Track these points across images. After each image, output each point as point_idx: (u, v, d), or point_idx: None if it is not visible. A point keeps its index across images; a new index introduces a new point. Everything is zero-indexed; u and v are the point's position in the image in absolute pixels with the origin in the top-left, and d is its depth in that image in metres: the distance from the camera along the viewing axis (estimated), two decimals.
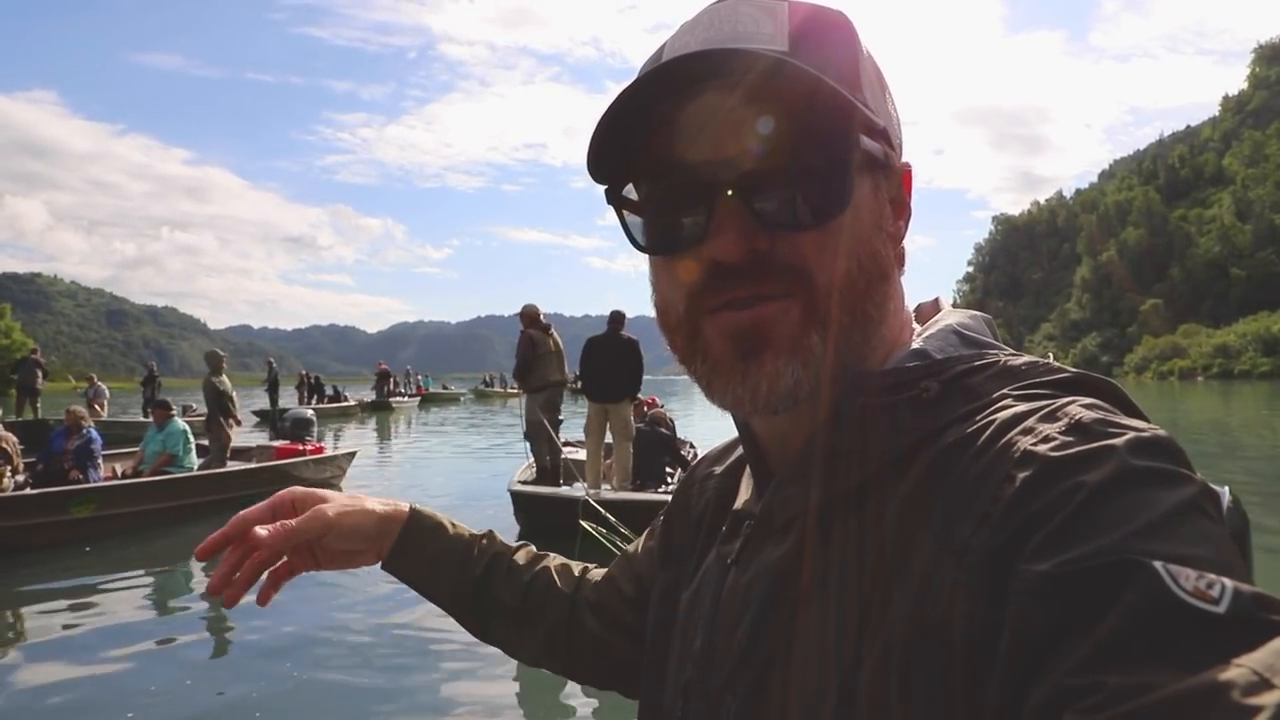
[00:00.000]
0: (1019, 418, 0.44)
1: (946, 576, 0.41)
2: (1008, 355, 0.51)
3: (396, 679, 4.41)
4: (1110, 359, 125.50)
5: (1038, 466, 0.40)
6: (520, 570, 0.81)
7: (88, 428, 8.55)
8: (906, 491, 0.46)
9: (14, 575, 6.50)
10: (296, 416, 12.14)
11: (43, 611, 5.67)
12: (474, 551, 0.80)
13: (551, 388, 8.47)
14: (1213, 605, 0.33)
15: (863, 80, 0.52)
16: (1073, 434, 0.41)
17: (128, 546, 7.38)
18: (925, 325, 0.56)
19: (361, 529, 0.76)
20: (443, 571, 0.78)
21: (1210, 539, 0.36)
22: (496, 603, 0.79)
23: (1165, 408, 34.07)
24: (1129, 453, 0.39)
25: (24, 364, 19.33)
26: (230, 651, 4.95)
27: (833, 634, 0.46)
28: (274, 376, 24.76)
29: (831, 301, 0.49)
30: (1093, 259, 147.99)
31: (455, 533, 0.81)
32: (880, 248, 0.52)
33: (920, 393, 0.49)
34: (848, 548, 0.47)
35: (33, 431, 12.00)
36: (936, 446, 0.46)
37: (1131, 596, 0.33)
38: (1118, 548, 0.35)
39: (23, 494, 7.47)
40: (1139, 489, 0.37)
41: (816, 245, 0.49)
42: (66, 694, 4.21)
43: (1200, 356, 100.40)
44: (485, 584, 0.79)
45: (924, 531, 0.43)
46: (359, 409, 29.13)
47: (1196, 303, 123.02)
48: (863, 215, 0.51)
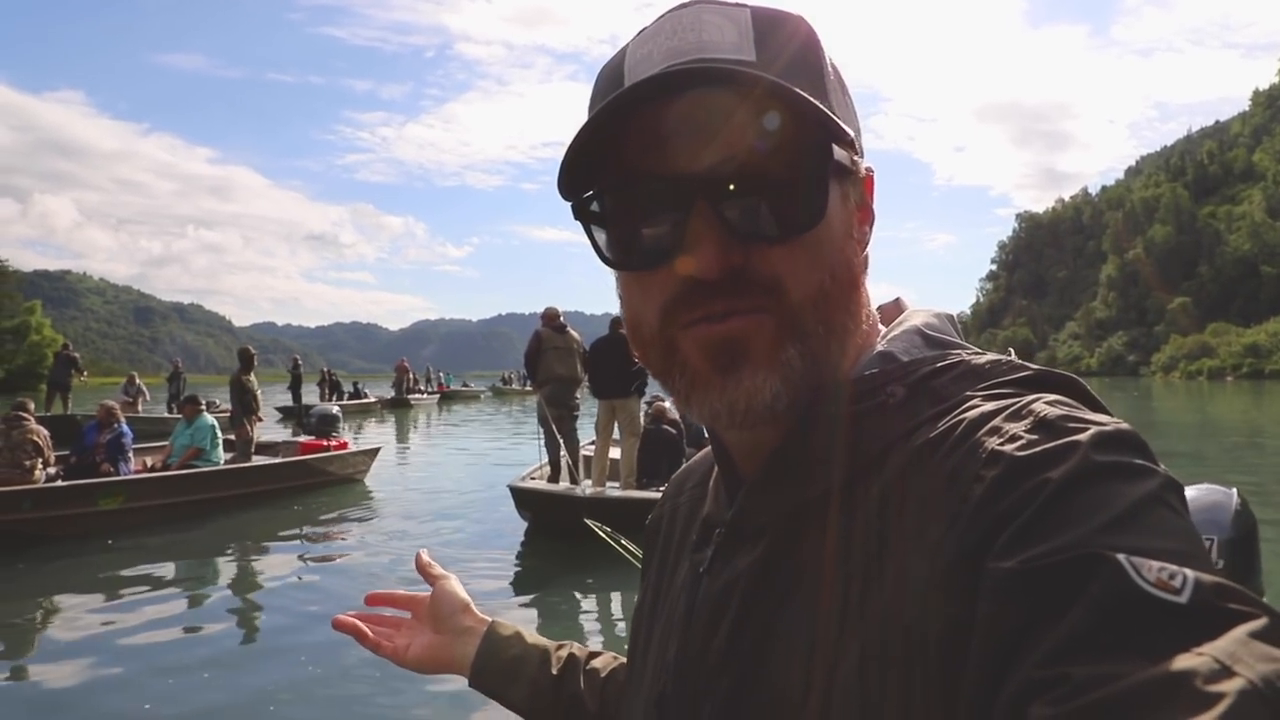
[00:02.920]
0: (986, 417, 0.44)
1: (919, 577, 0.41)
2: (971, 354, 0.52)
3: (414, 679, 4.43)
4: (1137, 358, 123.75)
5: (1005, 465, 0.40)
6: (597, 670, 0.82)
7: (118, 422, 8.69)
8: (878, 495, 0.46)
9: (37, 566, 6.63)
10: (322, 413, 12.29)
11: (63, 601, 5.77)
12: (551, 653, 0.82)
13: (554, 383, 8.48)
14: (1175, 595, 0.33)
15: (828, 86, 0.52)
16: (1038, 431, 0.42)
17: (152, 538, 7.50)
18: (889, 327, 0.56)
19: (457, 615, 0.83)
20: (524, 672, 0.80)
21: (1173, 531, 0.37)
22: (578, 703, 0.80)
23: (1194, 408, 33.50)
24: (1092, 448, 0.39)
25: (57, 360, 19.67)
26: (247, 645, 5.02)
27: (807, 638, 0.46)
28: (297, 373, 25.03)
29: (806, 314, 0.49)
30: (1119, 257, 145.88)
31: (533, 641, 0.83)
32: (851, 256, 0.52)
33: (887, 398, 0.49)
34: (820, 552, 0.47)
35: (62, 426, 12.21)
36: (906, 449, 0.46)
37: (1096, 589, 0.34)
38: (1082, 542, 0.36)
39: (54, 485, 7.64)
40: (1103, 483, 0.38)
41: (790, 258, 0.48)
42: (84, 683, 4.27)
43: (1229, 356, 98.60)
44: (562, 683, 0.80)
45: (896, 534, 0.44)
46: (379, 406, 29.40)
47: (1226, 301, 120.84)
48: (835, 226, 0.50)
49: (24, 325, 56.11)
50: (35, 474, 7.65)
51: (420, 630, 0.84)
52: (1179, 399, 43.57)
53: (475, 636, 0.82)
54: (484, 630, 0.83)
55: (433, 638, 0.83)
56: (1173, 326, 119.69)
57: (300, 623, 5.27)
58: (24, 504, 7.15)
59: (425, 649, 0.82)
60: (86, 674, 4.38)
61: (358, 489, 10.65)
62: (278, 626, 5.23)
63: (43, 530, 7.18)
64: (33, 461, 7.64)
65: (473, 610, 0.84)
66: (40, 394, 19.70)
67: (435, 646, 0.83)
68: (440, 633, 0.83)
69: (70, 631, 5.10)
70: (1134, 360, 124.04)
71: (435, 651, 0.82)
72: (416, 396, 33.35)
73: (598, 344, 8.12)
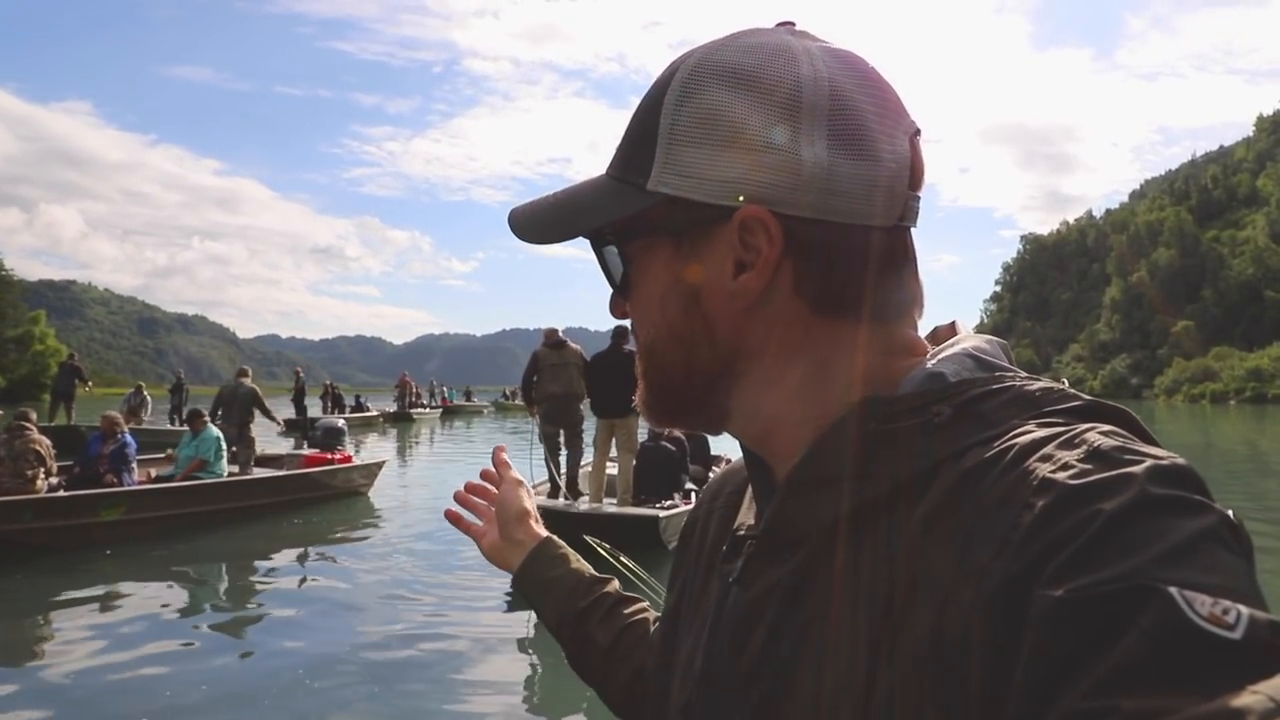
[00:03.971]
0: (1038, 444, 0.44)
1: (964, 601, 0.41)
2: (1023, 380, 0.51)
3: (406, 686, 4.40)
4: (1140, 381, 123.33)
5: (1057, 493, 0.40)
6: (621, 615, 0.85)
7: (122, 433, 8.68)
8: (923, 514, 0.46)
9: (36, 576, 6.60)
10: (328, 426, 12.24)
11: (61, 611, 5.74)
12: (584, 584, 0.87)
13: (549, 401, 8.47)
14: (1229, 631, 0.33)
15: (657, 150, 0.53)
16: (1091, 461, 0.41)
17: (154, 550, 7.47)
18: (939, 348, 0.56)
19: (524, 520, 0.92)
20: (553, 595, 0.87)
21: (1227, 568, 0.37)
22: (590, 638, 0.84)
23: (1197, 431, 33.38)
24: (1148, 480, 0.39)
25: (62, 370, 19.68)
26: (246, 658, 4.96)
27: (844, 656, 0.46)
28: (301, 386, 25.02)
29: (643, 358, 0.58)
30: (1123, 280, 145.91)
31: (576, 566, 0.89)
32: (674, 314, 0.55)
33: (933, 416, 0.49)
34: (859, 568, 0.47)
35: (65, 437, 12.18)
36: (953, 470, 0.46)
37: (1146, 621, 0.34)
38: (1134, 573, 0.35)
39: (56, 495, 7.60)
40: (1158, 516, 0.38)
41: (633, 313, 0.58)
42: (81, 696, 4.24)
43: (1233, 380, 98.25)
44: (586, 617, 0.85)
45: (941, 555, 0.43)
46: (381, 419, 29.40)
47: (1229, 325, 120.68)
48: (649, 289, 0.56)
49: (28, 335, 56.06)
50: (37, 484, 7.62)
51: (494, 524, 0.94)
52: (1182, 422, 43.41)
53: (524, 550, 0.89)
54: (533, 546, 0.90)
55: (494, 539, 0.92)
56: (1176, 350, 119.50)
57: (301, 637, 5.23)
58: (25, 514, 7.12)
59: (490, 547, 0.92)
60: (83, 686, 4.34)
61: (361, 503, 10.61)
62: (278, 641, 5.19)
63: (45, 541, 7.15)
64: (35, 471, 7.62)
65: (528, 524, 0.91)
66: (44, 404, 19.69)
67: (495, 548, 0.92)
68: (502, 537, 0.92)
69: (68, 643, 5.06)
70: (1137, 383, 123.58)
71: (494, 553, 0.92)
72: (419, 410, 33.34)
73: (597, 359, 8.05)
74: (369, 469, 11.31)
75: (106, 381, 36.23)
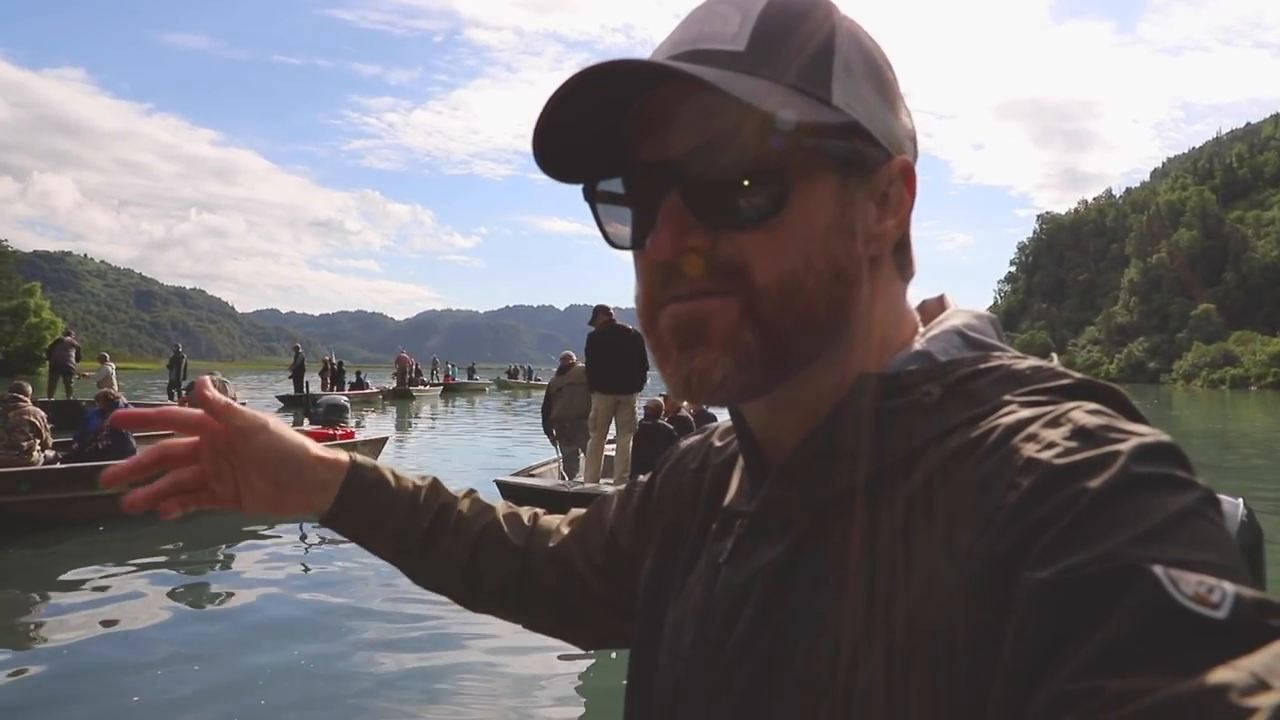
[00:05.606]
0: (1023, 423, 0.44)
1: (950, 582, 0.41)
2: (1011, 358, 0.51)
3: (415, 675, 4.32)
4: (1158, 365, 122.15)
5: (1041, 473, 0.40)
6: (468, 522, 0.79)
7: (118, 402, 8.64)
8: (909, 495, 0.46)
9: (31, 549, 6.58)
10: (330, 403, 12.17)
11: (56, 587, 5.70)
12: (419, 503, 0.77)
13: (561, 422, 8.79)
14: (1213, 610, 0.33)
15: (834, 73, 0.51)
16: (1076, 440, 0.41)
17: (150, 524, 7.42)
18: (929, 325, 0.56)
19: (296, 457, 0.71)
20: (388, 526, 0.76)
21: (1212, 544, 0.37)
22: (446, 557, 0.77)
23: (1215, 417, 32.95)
24: (1132, 459, 0.39)
25: (58, 344, 19.81)
26: (241, 634, 4.89)
27: (830, 635, 0.46)
28: (300, 362, 25.03)
29: (770, 300, 0.49)
30: (1142, 261, 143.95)
31: (399, 485, 0.77)
32: (838, 249, 0.50)
33: (922, 396, 0.49)
34: (845, 549, 0.47)
35: (65, 412, 12.16)
36: (939, 450, 0.46)
37: (1132, 602, 0.34)
38: (1119, 553, 0.36)
39: (52, 468, 7.58)
40: (1142, 495, 0.38)
41: (755, 244, 0.49)
42: (74, 670, 4.19)
43: (1254, 365, 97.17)
44: (433, 539, 0.77)
45: (925, 535, 0.44)
46: (381, 396, 29.45)
47: (1252, 309, 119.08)
48: (813, 216, 0.50)
49: (23, 307, 55.55)
50: (33, 455, 7.60)
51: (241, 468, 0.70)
52: (1200, 408, 42.91)
53: (328, 488, 0.73)
54: (341, 478, 0.74)
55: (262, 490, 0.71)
56: (1196, 334, 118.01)
57: (298, 611, 5.20)
58: (22, 486, 7.10)
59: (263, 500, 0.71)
60: (76, 661, 4.31)
61: None
62: (274, 615, 5.16)
63: (43, 513, 7.12)
64: (30, 443, 7.59)
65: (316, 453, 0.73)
66: (40, 378, 19.80)
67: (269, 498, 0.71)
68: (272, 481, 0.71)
69: (63, 616, 5.04)
70: (1155, 367, 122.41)
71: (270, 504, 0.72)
72: (419, 388, 33.36)
73: (597, 337, 7.97)
74: (371, 445, 11.26)
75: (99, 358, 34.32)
